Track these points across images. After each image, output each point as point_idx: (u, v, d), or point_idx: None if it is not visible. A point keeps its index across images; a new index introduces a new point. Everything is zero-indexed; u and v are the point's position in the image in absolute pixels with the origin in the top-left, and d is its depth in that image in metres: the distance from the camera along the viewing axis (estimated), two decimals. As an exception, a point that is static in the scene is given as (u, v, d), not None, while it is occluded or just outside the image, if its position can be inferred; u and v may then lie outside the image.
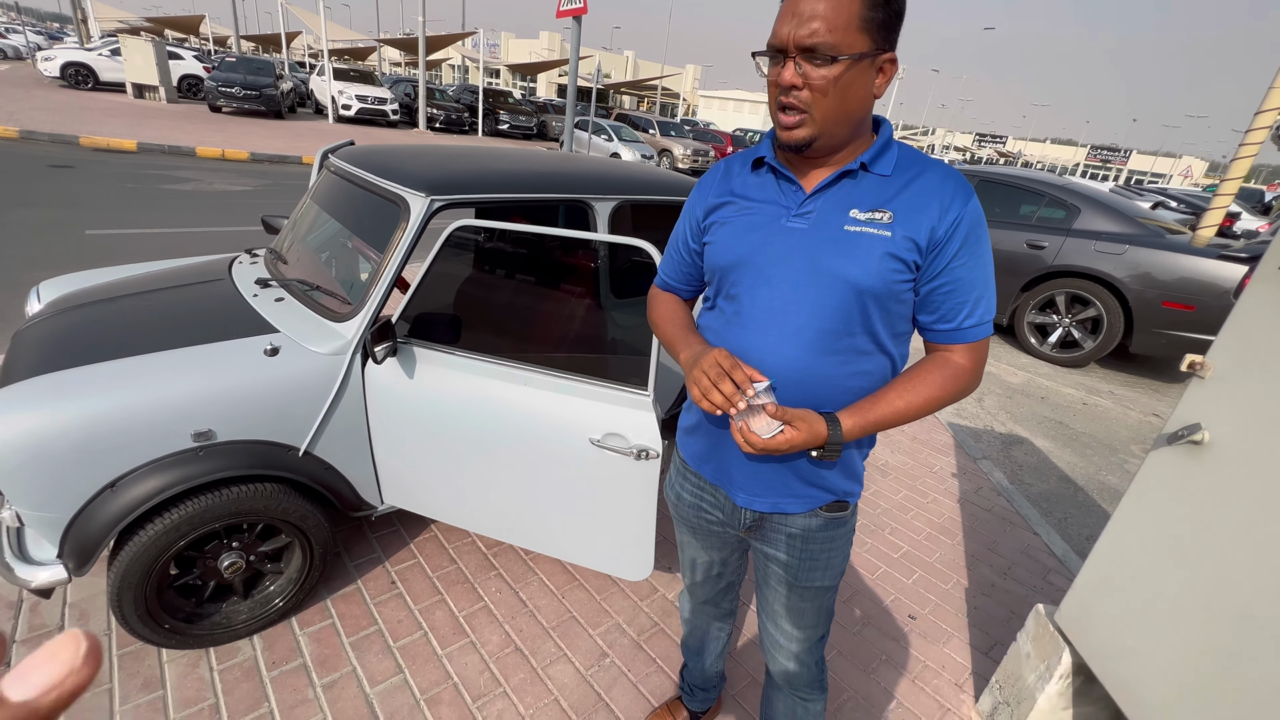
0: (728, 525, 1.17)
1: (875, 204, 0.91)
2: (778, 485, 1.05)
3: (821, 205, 0.93)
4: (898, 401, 0.93)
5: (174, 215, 6.21)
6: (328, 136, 13.57)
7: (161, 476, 1.50)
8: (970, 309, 0.93)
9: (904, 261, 0.89)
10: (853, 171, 0.92)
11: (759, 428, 0.88)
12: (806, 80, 0.83)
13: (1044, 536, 2.70)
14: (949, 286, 0.91)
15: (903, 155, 0.94)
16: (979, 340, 0.95)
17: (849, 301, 0.91)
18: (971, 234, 0.90)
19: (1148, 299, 4.61)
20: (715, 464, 1.11)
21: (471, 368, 1.70)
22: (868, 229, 0.90)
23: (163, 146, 9.57)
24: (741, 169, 1.03)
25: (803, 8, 0.81)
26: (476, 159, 2.13)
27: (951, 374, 0.95)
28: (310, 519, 1.75)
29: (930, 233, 0.89)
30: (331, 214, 2.13)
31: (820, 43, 0.81)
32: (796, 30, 0.81)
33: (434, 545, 2.21)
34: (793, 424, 0.88)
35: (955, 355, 0.96)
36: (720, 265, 1.00)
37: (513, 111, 20.36)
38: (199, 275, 2.17)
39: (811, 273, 0.91)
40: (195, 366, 1.58)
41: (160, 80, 14.92)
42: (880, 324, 0.94)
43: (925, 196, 0.90)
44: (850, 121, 0.88)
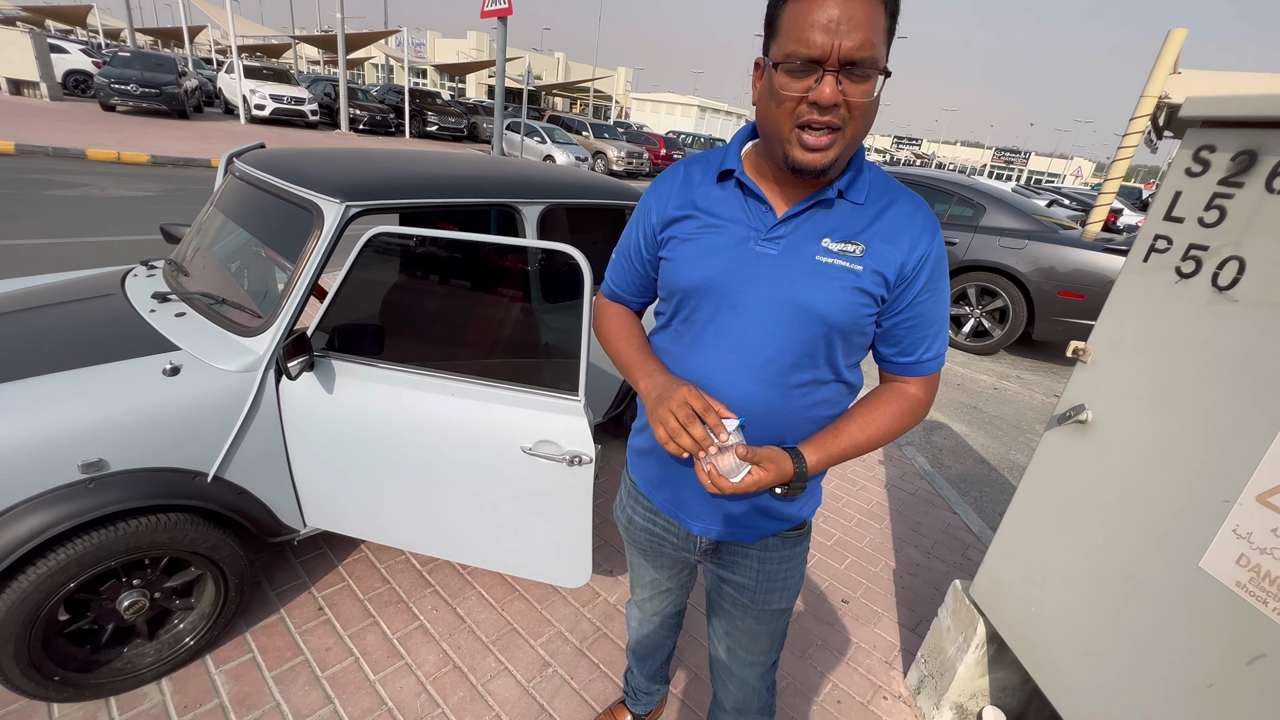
0: (683, 550, 1.14)
1: (848, 234, 0.87)
2: (735, 515, 1.03)
3: (793, 231, 0.88)
4: (859, 434, 0.93)
5: (60, 223, 5.66)
6: (240, 138, 12.75)
7: (43, 514, 1.36)
8: (929, 343, 0.93)
9: (871, 296, 0.87)
10: (827, 200, 0.87)
11: (727, 470, 0.84)
12: (847, 97, 0.75)
13: (963, 515, 2.88)
14: (911, 321, 0.91)
15: (874, 181, 0.90)
16: (934, 373, 0.96)
17: (816, 335, 0.88)
18: (936, 270, 0.89)
19: (1046, 290, 5.00)
20: (669, 492, 1.07)
21: (395, 379, 1.64)
22: (839, 261, 0.86)
23: (46, 148, 8.71)
24: (704, 179, 0.95)
25: (842, 16, 0.71)
26: (395, 163, 2.06)
27: (909, 406, 0.96)
28: (223, 549, 1.64)
29: (900, 268, 0.86)
30: (239, 222, 2.00)
31: (867, 56, 0.73)
32: (843, 41, 0.71)
33: (364, 566, 2.12)
34: (760, 464, 0.85)
35: (911, 387, 0.97)
36: (681, 286, 0.94)
37: (441, 113, 19.80)
38: (86, 290, 1.99)
39: (781, 303, 0.87)
40: (82, 390, 1.45)
41: (41, 75, 13.59)
42: (841, 355, 0.92)
43: (896, 230, 0.87)
44: (861, 140, 0.82)
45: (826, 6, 0.72)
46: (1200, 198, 1.16)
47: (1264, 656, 1.01)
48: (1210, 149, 1.16)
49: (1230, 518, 1.06)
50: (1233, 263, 1.10)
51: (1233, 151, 1.11)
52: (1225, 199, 1.12)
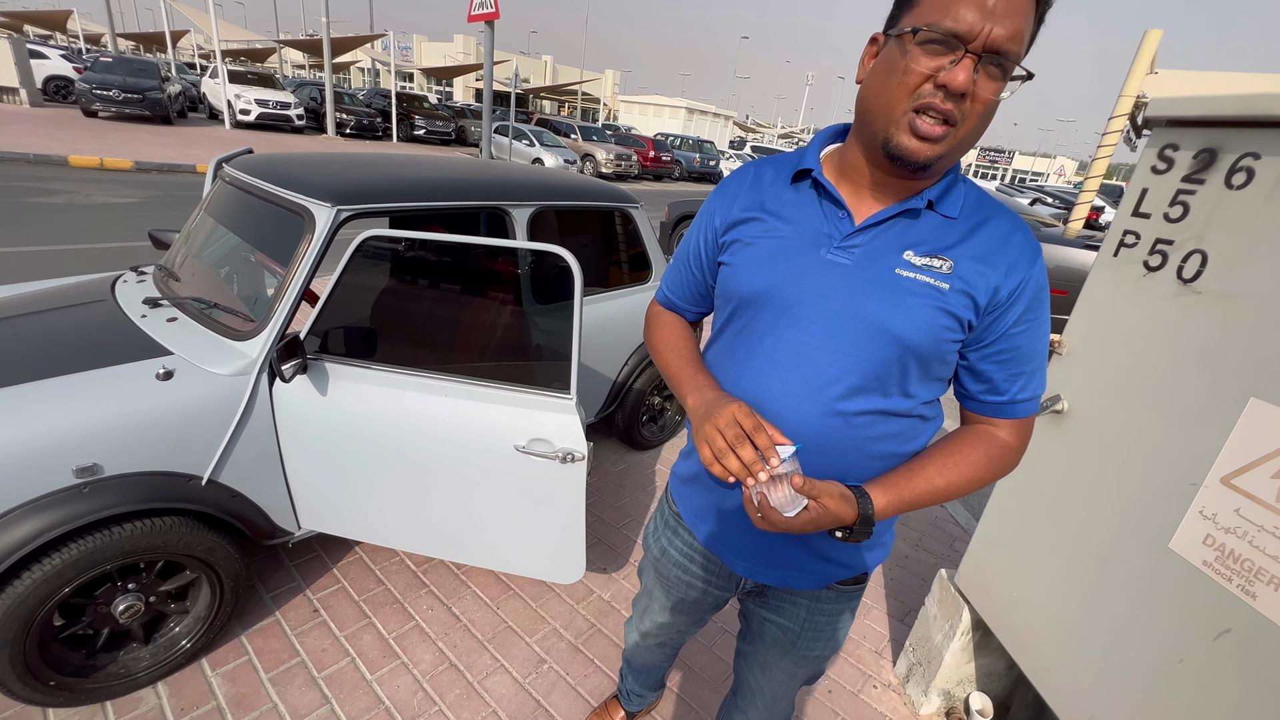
0: (721, 590, 1.05)
1: (934, 248, 0.77)
2: (787, 558, 0.92)
3: (872, 240, 0.79)
4: (937, 480, 0.80)
5: (43, 231, 5.60)
6: (225, 143, 12.65)
7: (38, 519, 1.37)
8: (1025, 381, 0.81)
9: (958, 319, 0.77)
10: (915, 210, 0.78)
11: (779, 502, 0.73)
12: (977, 88, 0.67)
13: (949, 508, 2.93)
14: (1004, 355, 0.79)
15: (970, 196, 0.81)
16: (1028, 417, 0.84)
17: (890, 358, 0.78)
18: (1036, 299, 0.78)
19: (1030, 287, 5.09)
20: (713, 525, 0.97)
21: (388, 380, 1.66)
22: (923, 276, 0.76)
23: (27, 155, 8.61)
24: (775, 179, 0.87)
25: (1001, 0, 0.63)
26: (386, 167, 2.08)
27: (998, 453, 0.83)
28: (218, 551, 1.65)
29: (993, 293, 0.76)
30: (229, 227, 2.02)
31: (1014, 50, 0.65)
32: (996, 25, 0.63)
33: (359, 567, 2.13)
34: (819, 499, 0.73)
35: (1001, 432, 0.84)
36: (739, 294, 0.85)
37: (429, 116, 19.74)
38: (76, 297, 1.99)
39: (851, 319, 0.77)
40: (75, 396, 1.46)
41: (21, 81, 13.41)
42: (918, 383, 0.81)
43: (990, 250, 0.77)
44: (968, 150, 0.74)
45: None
46: (1165, 194, 1.21)
47: (1229, 631, 1.05)
48: (1174, 147, 1.21)
49: (1197, 500, 1.11)
50: (1196, 256, 1.15)
51: (1194, 150, 1.16)
52: (1188, 195, 1.17)
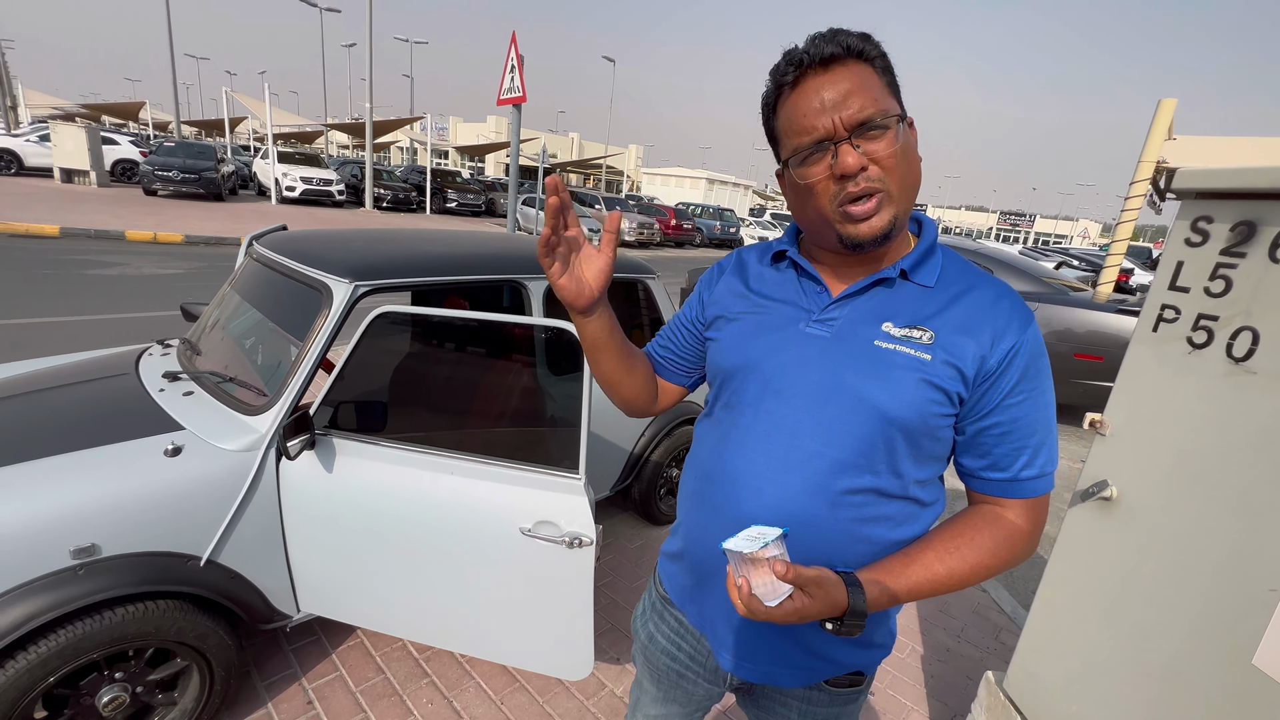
0: (710, 683, 0.97)
1: (914, 319, 0.77)
2: (770, 651, 0.86)
3: (849, 313, 0.79)
4: (937, 566, 0.74)
5: (93, 302, 5.90)
6: (269, 217, 13.44)
7: (29, 603, 1.32)
8: (1030, 456, 0.76)
9: (945, 392, 0.74)
10: (889, 279, 0.79)
11: (762, 590, 0.68)
12: (871, 157, 0.71)
13: (992, 593, 2.71)
14: (1003, 428, 0.76)
15: (949, 265, 0.81)
16: (1040, 495, 0.78)
17: (874, 431, 0.75)
18: (1031, 366, 0.75)
19: (1061, 352, 4.93)
20: (699, 608, 0.91)
21: (394, 458, 1.62)
22: (902, 347, 0.75)
23: (89, 231, 9.22)
24: (759, 262, 0.91)
25: (828, 93, 0.71)
26: (405, 243, 2.13)
27: (1005, 537, 0.77)
28: (210, 638, 1.57)
29: (979, 362, 0.74)
30: (252, 302, 2.06)
31: (871, 114, 0.70)
32: (840, 113, 0.70)
33: (359, 653, 2.02)
34: (804, 589, 0.67)
35: (1010, 513, 0.78)
36: (724, 367, 0.86)
37: (461, 190, 20.80)
38: (102, 370, 2.03)
39: (832, 391, 0.77)
40: (81, 473, 1.45)
41: (91, 164, 14.59)
42: (908, 462, 0.77)
43: (975, 317, 0.76)
44: (915, 194, 0.77)
45: (811, 93, 0.72)
46: (1204, 267, 1.15)
47: (1340, 773, 0.90)
48: (1208, 219, 1.15)
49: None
50: (1246, 333, 1.06)
51: (1231, 222, 1.11)
52: (1229, 269, 1.10)
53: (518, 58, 5.54)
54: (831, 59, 0.71)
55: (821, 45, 0.71)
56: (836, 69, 0.71)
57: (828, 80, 0.71)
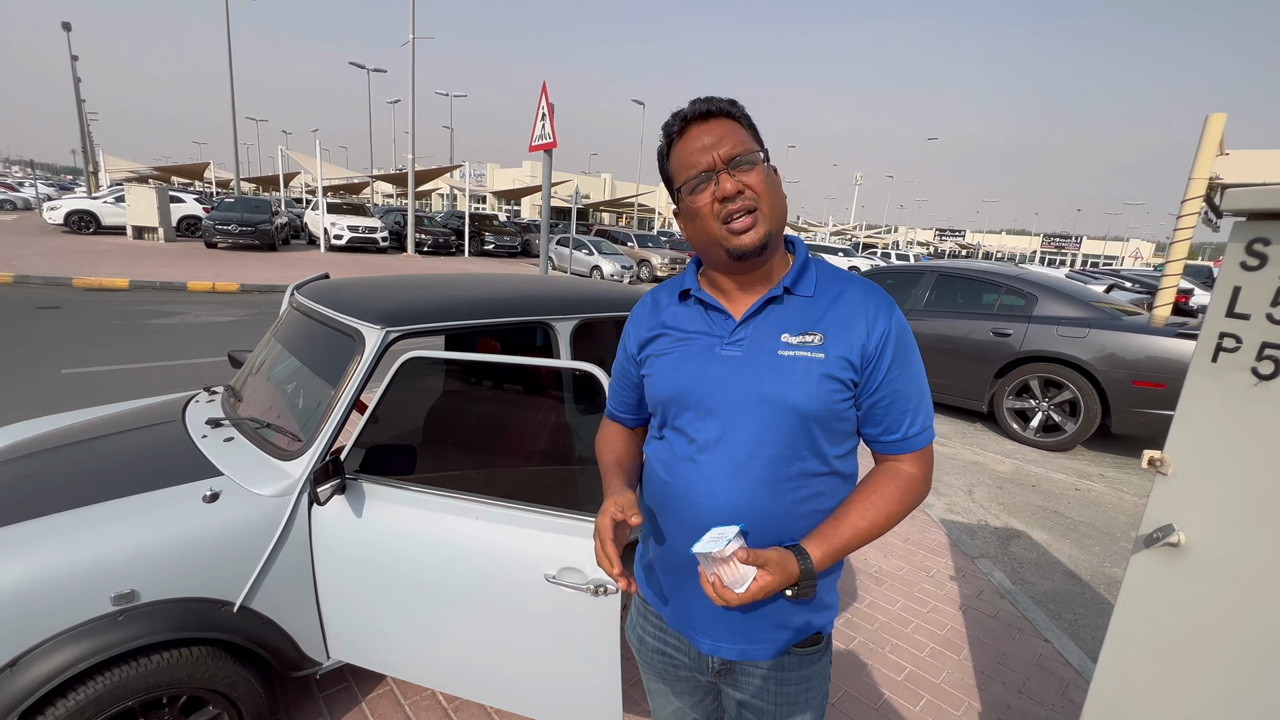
0: (696, 671, 1.09)
1: (804, 326, 0.93)
2: (745, 630, 0.99)
3: (752, 332, 0.95)
4: (860, 521, 0.92)
5: (155, 349, 6.25)
6: (317, 264, 14.12)
7: (71, 649, 1.36)
8: (912, 418, 0.95)
9: (840, 381, 0.91)
10: (777, 297, 0.95)
11: (731, 580, 0.82)
12: (745, 183, 0.89)
13: (1056, 644, 2.51)
14: (888, 399, 0.93)
15: (822, 274, 0.98)
16: (925, 447, 0.97)
17: (793, 426, 0.91)
18: (900, 345, 0.93)
19: (1118, 379, 4.67)
20: (675, 607, 1.04)
21: (421, 502, 1.62)
22: (801, 352, 0.91)
23: (155, 283, 9.86)
24: (670, 301, 1.06)
25: (706, 139, 0.90)
26: (435, 288, 2.18)
27: (906, 484, 0.96)
28: (241, 685, 1.58)
29: (861, 350, 0.91)
30: (290, 349, 2.14)
31: (741, 151, 0.89)
32: (717, 150, 0.89)
33: (388, 702, 1.99)
34: (765, 568, 0.84)
35: (905, 464, 0.97)
36: (660, 397, 1.00)
37: (497, 233, 21.51)
38: (150, 418, 2.12)
39: (752, 400, 0.91)
40: (123, 520, 1.49)
41: (160, 221, 15.71)
42: (826, 444, 0.94)
43: (851, 315, 0.93)
44: (783, 218, 0.94)
45: (695, 138, 0.91)
46: (1264, 292, 1.07)
47: None
48: (1264, 242, 1.08)
49: (1388, 675, 0.86)
50: (1319, 363, 0.97)
51: (1291, 244, 1.03)
52: (1294, 294, 1.02)
53: (548, 106, 5.76)
54: (708, 114, 0.91)
55: (700, 105, 0.91)
56: (712, 121, 0.91)
57: (707, 129, 0.90)
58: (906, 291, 6.03)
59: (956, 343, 5.48)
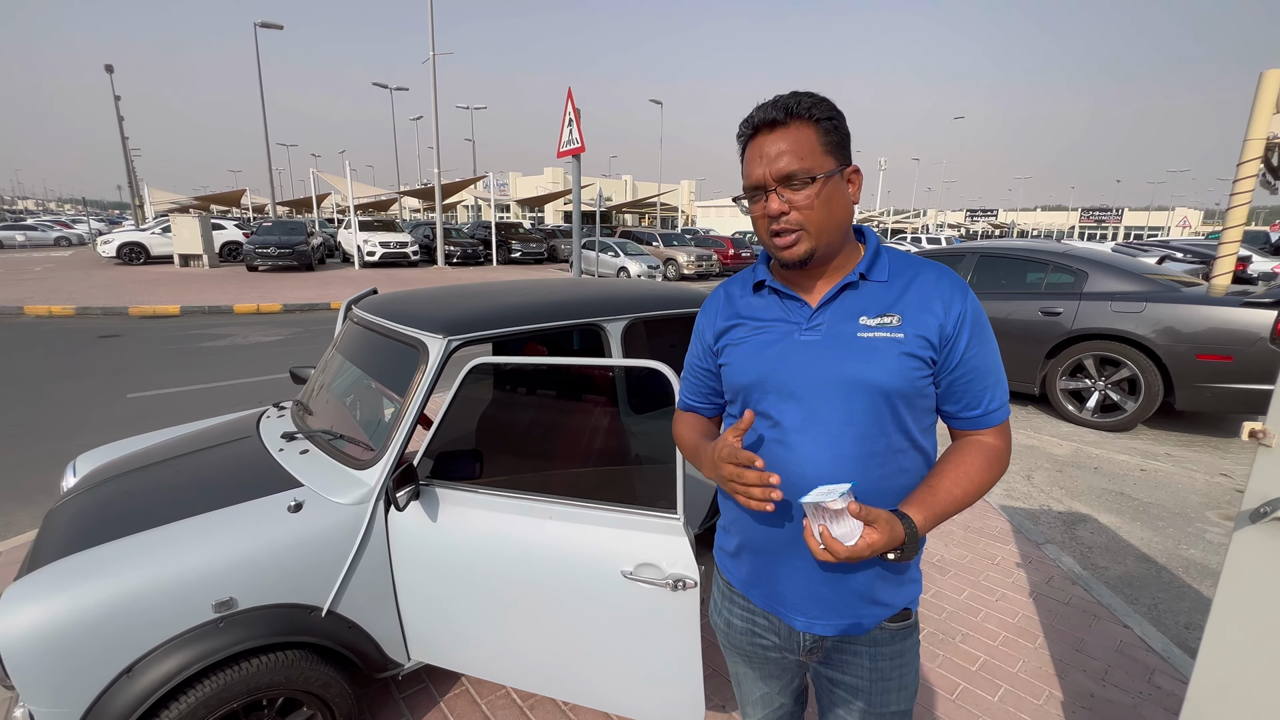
0: (786, 650, 1.09)
1: (882, 309, 0.96)
2: (838, 605, 1.01)
3: (830, 317, 0.98)
4: (955, 490, 0.93)
5: (210, 371, 6.52)
6: (353, 281, 14.52)
7: (180, 655, 1.43)
8: (991, 394, 0.97)
9: (921, 359, 0.93)
10: (853, 283, 0.98)
11: (842, 533, 0.84)
12: (791, 204, 0.92)
13: (1136, 629, 2.42)
14: (968, 376, 0.96)
15: (894, 260, 1.01)
16: (1004, 421, 1.00)
17: (878, 404, 0.93)
18: (977, 324, 0.96)
19: (1180, 353, 4.47)
20: (765, 587, 1.06)
21: (493, 504, 1.66)
22: (880, 333, 0.94)
23: (203, 307, 10.29)
24: (743, 292, 1.08)
25: (768, 150, 0.92)
26: (489, 296, 2.23)
27: (993, 456, 0.97)
28: (333, 687, 1.64)
29: (940, 329, 0.94)
30: (355, 362, 2.21)
31: (796, 169, 0.90)
32: (770, 168, 0.92)
33: (465, 701, 2.04)
34: (874, 525, 0.85)
35: (987, 437, 0.99)
36: (741, 384, 1.03)
37: (523, 240, 21.76)
38: (228, 434, 2.22)
39: (835, 381, 0.94)
40: (218, 531, 1.57)
41: (204, 249, 16.37)
42: (910, 421, 0.96)
43: (927, 296, 0.96)
44: (840, 229, 0.96)
45: (757, 148, 0.93)
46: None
47: None
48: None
49: None
50: None
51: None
52: None
53: (575, 111, 5.80)
54: (775, 123, 0.91)
55: (767, 111, 0.92)
56: (779, 130, 0.91)
57: (770, 140, 0.92)
58: (947, 275, 5.89)
59: (1003, 324, 5.31)
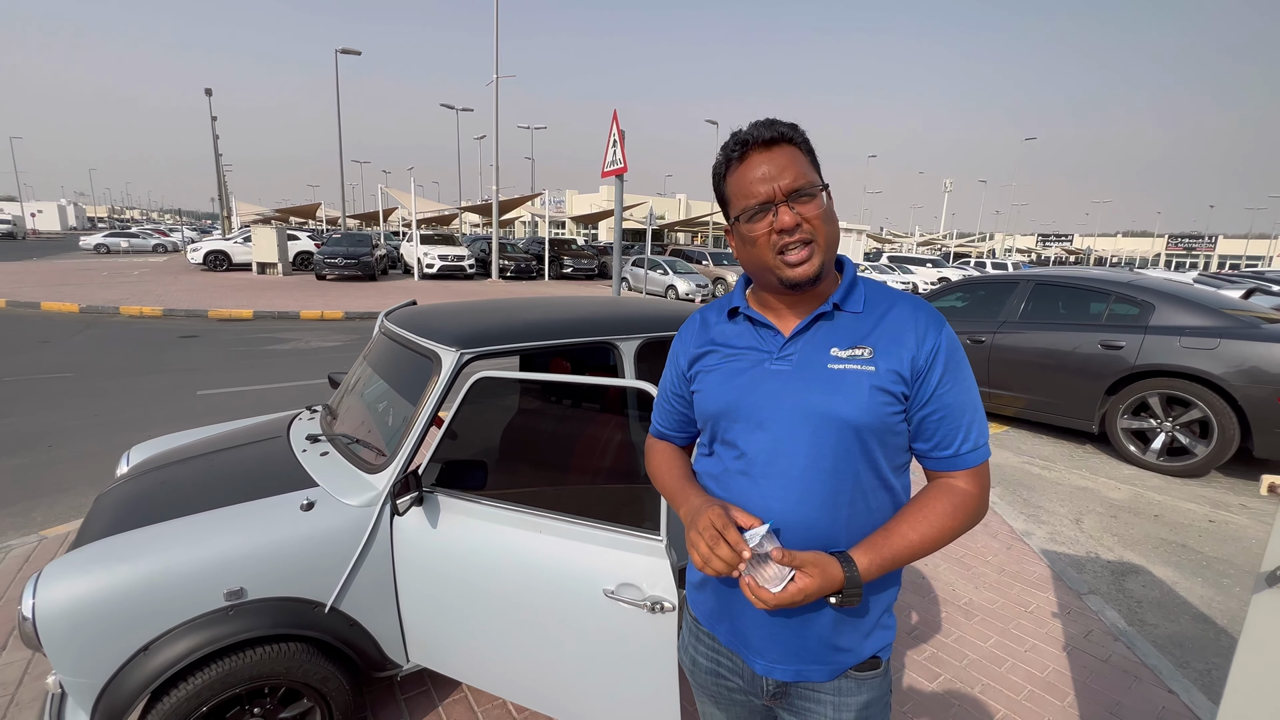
0: (750, 693, 1.06)
1: (854, 341, 0.94)
2: (797, 649, 0.97)
3: (802, 347, 0.96)
4: (911, 534, 0.90)
5: (273, 372, 6.95)
6: (411, 292, 15.19)
7: (192, 638, 1.54)
8: (964, 433, 0.93)
9: (892, 394, 0.91)
10: (826, 313, 0.96)
11: (767, 579, 0.83)
12: (803, 216, 0.90)
13: (1182, 695, 2.22)
14: (940, 413, 0.93)
15: (870, 291, 0.99)
16: (979, 464, 0.95)
17: (847, 439, 0.91)
18: (951, 359, 0.92)
19: (1259, 396, 4.10)
20: (728, 625, 1.04)
21: (490, 515, 1.70)
22: (851, 365, 0.92)
23: (274, 313, 11.00)
24: (718, 319, 1.07)
25: (768, 169, 0.90)
26: (508, 311, 2.30)
27: (960, 501, 0.93)
28: (332, 681, 1.71)
29: (911, 363, 0.91)
30: (378, 371, 2.32)
31: (802, 184, 0.90)
32: (778, 181, 0.90)
33: (463, 708, 2.08)
34: (803, 569, 0.84)
35: (959, 481, 0.95)
36: (711, 412, 1.02)
37: (575, 256, 22.23)
38: (262, 433, 2.37)
39: (804, 412, 0.92)
40: (235, 524, 1.67)
41: (279, 258, 17.54)
42: (882, 458, 0.93)
43: (900, 329, 0.93)
44: (836, 245, 0.96)
45: (755, 165, 0.91)
46: None
47: None
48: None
49: None
50: None
51: None
52: None
53: (619, 133, 5.94)
54: (771, 141, 0.90)
55: (763, 130, 0.91)
56: (775, 149, 0.91)
57: (768, 157, 0.90)
58: (1000, 302, 5.63)
59: (1059, 356, 5.03)
